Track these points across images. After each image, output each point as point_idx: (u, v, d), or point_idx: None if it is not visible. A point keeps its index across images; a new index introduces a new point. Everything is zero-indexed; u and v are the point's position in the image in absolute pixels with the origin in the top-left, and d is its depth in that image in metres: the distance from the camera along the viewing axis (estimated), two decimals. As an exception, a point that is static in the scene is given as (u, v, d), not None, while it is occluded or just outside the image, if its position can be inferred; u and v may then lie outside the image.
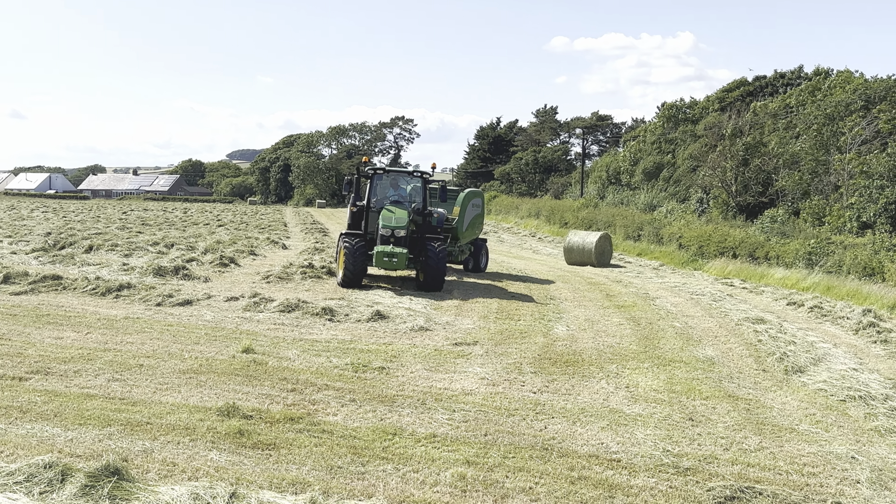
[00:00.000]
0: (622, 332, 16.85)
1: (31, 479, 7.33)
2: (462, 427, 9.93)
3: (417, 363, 13.23)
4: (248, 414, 9.88)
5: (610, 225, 43.82)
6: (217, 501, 7.02)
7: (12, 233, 35.99)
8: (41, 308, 16.67)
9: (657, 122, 63.17)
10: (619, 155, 63.56)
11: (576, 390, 12.03)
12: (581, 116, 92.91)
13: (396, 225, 20.75)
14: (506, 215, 64.88)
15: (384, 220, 20.93)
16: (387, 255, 20.18)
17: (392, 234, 20.72)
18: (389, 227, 20.76)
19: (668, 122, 60.46)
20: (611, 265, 33.57)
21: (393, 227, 20.74)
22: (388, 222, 20.86)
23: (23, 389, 10.57)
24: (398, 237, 20.73)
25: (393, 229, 20.73)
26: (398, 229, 20.71)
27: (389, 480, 8.07)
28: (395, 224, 20.78)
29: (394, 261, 20.18)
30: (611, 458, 9.05)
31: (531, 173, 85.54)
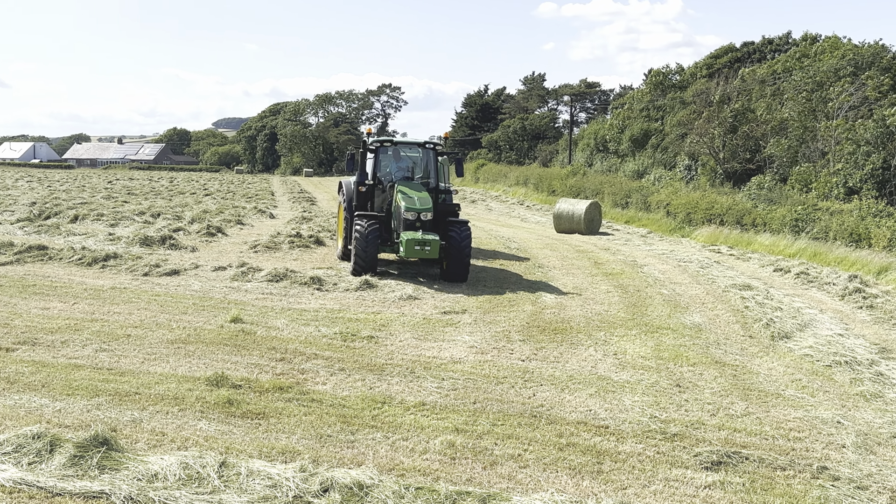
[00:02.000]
0: (610, 300, 16.90)
1: (20, 449, 7.32)
2: (451, 395, 9.96)
3: (406, 332, 13.24)
4: (237, 383, 9.88)
5: (598, 193, 43.80)
6: (207, 470, 7.03)
7: (-3, 203, 35.69)
8: (27, 279, 16.57)
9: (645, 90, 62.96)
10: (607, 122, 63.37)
11: (564, 358, 12.07)
12: (569, 83, 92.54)
13: (422, 207, 17.87)
14: (493, 183, 64.74)
15: (407, 203, 17.97)
16: (419, 242, 17.25)
17: (419, 217, 17.85)
18: (415, 209, 17.84)
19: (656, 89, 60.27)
20: (599, 233, 33.61)
21: (419, 209, 17.85)
22: (412, 204, 17.91)
23: (10, 360, 10.53)
24: (425, 221, 17.88)
25: (419, 212, 17.84)
26: (425, 212, 17.85)
27: (379, 448, 8.10)
28: (421, 206, 17.89)
29: (427, 249, 17.28)
30: (599, 425, 9.11)
31: (519, 141, 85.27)
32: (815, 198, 30.88)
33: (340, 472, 7.08)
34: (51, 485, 6.75)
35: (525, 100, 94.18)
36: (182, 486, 6.80)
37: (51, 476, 6.90)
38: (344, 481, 6.87)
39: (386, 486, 6.87)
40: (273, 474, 7.01)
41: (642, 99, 60.52)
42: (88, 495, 6.64)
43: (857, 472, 8.09)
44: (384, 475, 7.23)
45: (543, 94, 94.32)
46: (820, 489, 7.64)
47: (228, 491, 6.77)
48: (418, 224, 17.83)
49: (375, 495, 6.75)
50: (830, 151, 34.61)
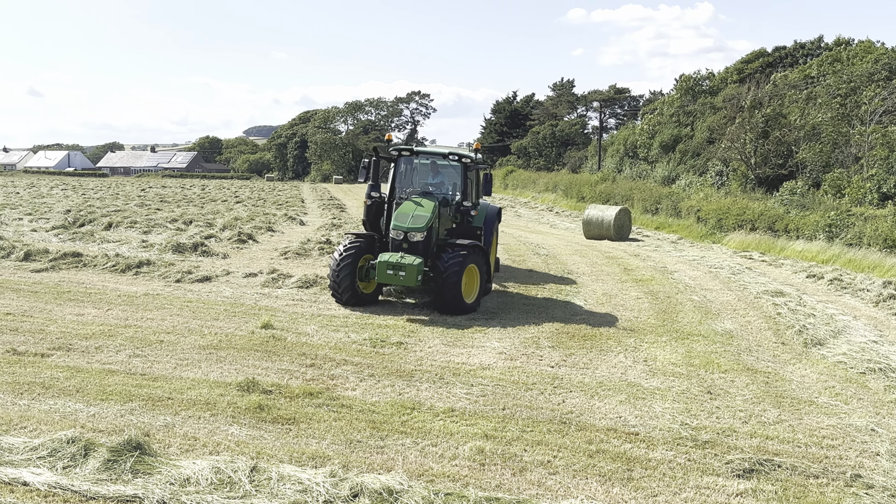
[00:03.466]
0: (640, 306, 16.81)
1: (55, 453, 7.44)
2: (480, 401, 9.96)
3: (435, 338, 13.26)
4: (268, 389, 9.95)
5: (627, 199, 43.59)
6: (238, 475, 7.09)
7: (32, 210, 36.24)
8: (62, 285, 16.81)
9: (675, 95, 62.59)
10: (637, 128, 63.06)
11: (594, 364, 12.03)
12: (598, 89, 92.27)
13: (411, 226, 15.29)
14: (523, 189, 64.67)
15: (397, 219, 15.53)
16: (391, 266, 14.82)
17: (405, 237, 15.36)
18: (402, 228, 15.36)
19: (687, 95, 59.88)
20: (629, 239, 33.45)
21: (406, 228, 15.30)
22: (401, 221, 15.46)
23: (45, 366, 10.69)
24: (413, 242, 15.32)
25: (406, 231, 15.31)
26: (413, 231, 15.27)
27: (408, 454, 8.12)
28: (410, 224, 15.31)
29: (401, 275, 14.77)
30: (629, 432, 9.06)
31: (548, 147, 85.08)
32: (848, 203, 30.50)
33: (370, 477, 7.11)
34: (85, 489, 6.85)
35: (554, 106, 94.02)
36: (214, 491, 6.87)
37: (85, 480, 7.00)
38: (374, 487, 6.90)
39: (415, 492, 6.89)
40: (303, 479, 7.06)
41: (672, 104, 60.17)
42: (122, 499, 6.72)
43: (891, 480, 7.98)
44: (414, 481, 7.26)
45: (573, 100, 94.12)
46: (853, 497, 7.55)
47: (259, 495, 6.83)
48: (405, 245, 15.33)
49: (405, 501, 6.77)
50: (864, 156, 34.19)
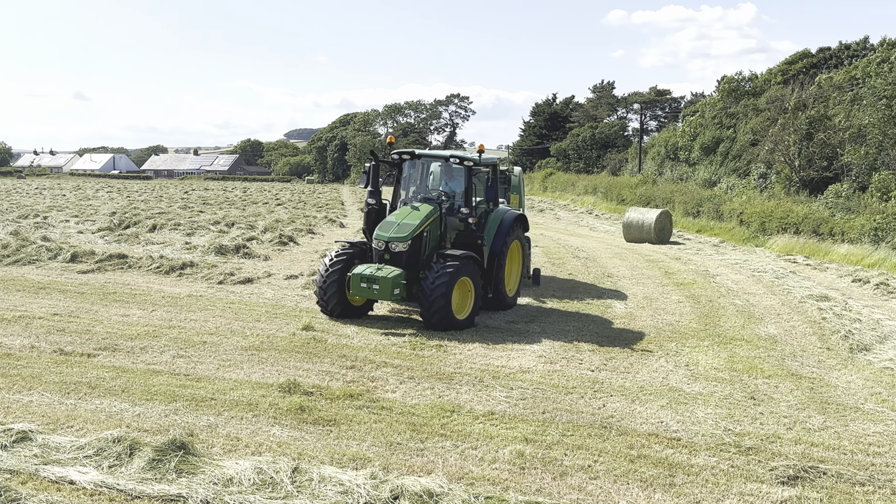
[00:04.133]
0: (681, 310, 16.66)
1: (101, 452, 7.56)
2: (520, 405, 9.94)
3: (474, 341, 13.26)
4: (309, 390, 10.03)
5: (668, 201, 43.22)
6: (280, 476, 7.16)
7: (79, 213, 36.89)
8: (108, 286, 17.09)
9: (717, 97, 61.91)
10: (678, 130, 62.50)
11: (634, 368, 11.95)
12: (639, 91, 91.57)
13: (393, 235, 14.25)
14: (562, 192, 64.42)
15: (381, 227, 14.57)
16: (365, 278, 13.76)
17: (386, 247, 14.30)
18: (383, 237, 14.34)
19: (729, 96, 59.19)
20: (670, 242, 33.17)
21: (388, 237, 14.27)
22: (383, 230, 14.45)
23: (91, 365, 10.88)
24: (395, 252, 14.24)
25: (387, 240, 14.27)
26: (395, 241, 14.21)
27: (448, 457, 8.13)
28: (394, 234, 14.28)
29: (374, 288, 13.68)
30: (671, 437, 8.99)
31: (588, 150, 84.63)
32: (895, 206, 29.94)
33: (410, 479, 7.13)
34: (130, 488, 6.95)
35: (594, 108, 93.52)
36: (256, 491, 6.94)
37: (130, 479, 7.11)
38: (414, 489, 6.91)
39: (455, 495, 6.89)
40: (344, 481, 7.10)
41: (714, 106, 59.52)
42: (166, 499, 6.81)
43: (941, 489, 7.81)
44: (454, 484, 7.26)
45: (613, 102, 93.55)
46: (902, 507, 7.41)
47: (301, 496, 6.88)
48: (386, 256, 14.29)
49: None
50: (912, 158, 33.53)
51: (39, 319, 13.60)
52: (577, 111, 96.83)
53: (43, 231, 27.24)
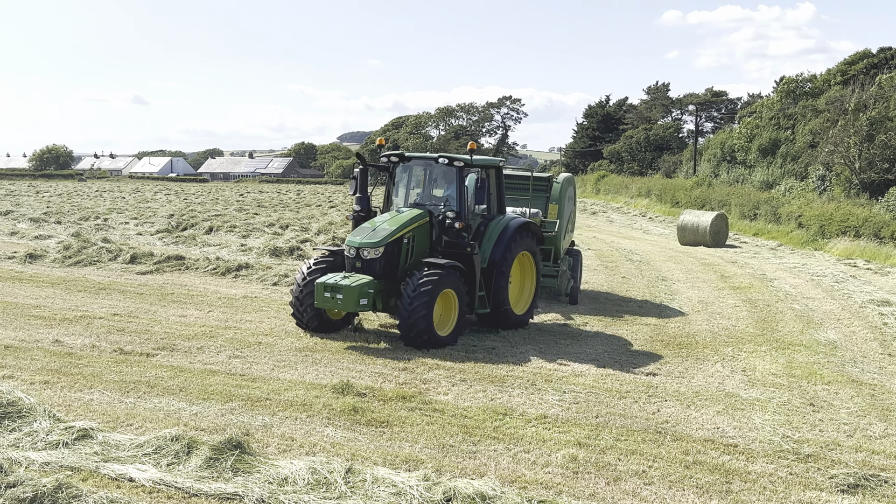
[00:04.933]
0: (738, 314, 16.40)
1: (159, 451, 7.70)
2: (573, 408, 9.88)
3: (527, 344, 13.22)
4: (362, 391, 10.09)
5: (724, 204, 42.60)
6: (334, 476, 7.21)
7: (138, 215, 37.65)
8: (166, 287, 17.41)
9: (775, 98, 60.90)
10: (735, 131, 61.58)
11: (689, 373, 11.80)
12: (694, 92, 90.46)
13: (365, 241, 13.04)
14: (615, 195, 63.91)
15: (353, 233, 13.47)
16: (328, 287, 12.61)
17: (357, 254, 13.14)
18: (353, 243, 13.15)
19: (787, 97, 58.19)
20: (725, 245, 32.68)
21: (358, 243, 13.07)
22: (356, 235, 13.29)
23: (150, 365, 11.09)
24: (367, 260, 13.06)
25: (358, 247, 13.08)
26: (367, 247, 13.00)
27: (501, 460, 8.11)
28: (364, 239, 13.07)
29: (338, 298, 12.51)
30: (727, 443, 8.85)
31: (641, 152, 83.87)
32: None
33: (463, 482, 7.12)
34: (188, 486, 7.06)
35: (648, 110, 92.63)
36: (311, 491, 7.00)
37: (188, 477, 7.22)
38: (466, 492, 6.91)
39: (508, 498, 6.87)
40: (397, 482, 7.12)
41: (772, 107, 58.56)
42: (223, 497, 6.91)
43: None
44: (506, 487, 7.24)
45: (667, 103, 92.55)
46: (969, 518, 7.19)
47: (355, 497, 6.92)
48: (358, 264, 13.13)
49: (498, 507, 6.75)
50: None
51: (100, 319, 13.90)
52: (630, 113, 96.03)
53: (103, 233, 27.85)
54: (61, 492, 6.57)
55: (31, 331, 12.96)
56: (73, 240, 23.78)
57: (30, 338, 12.48)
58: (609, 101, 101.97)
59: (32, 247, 22.87)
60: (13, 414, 8.44)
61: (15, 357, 11.30)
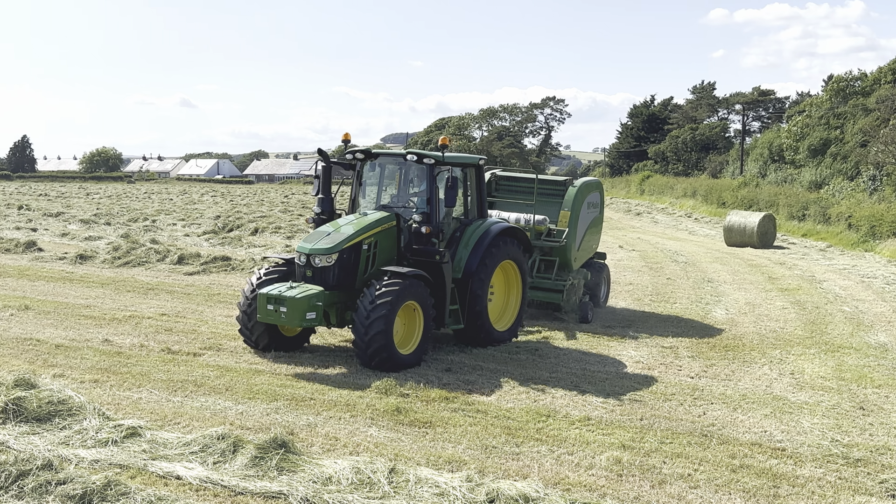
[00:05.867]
0: (786, 317, 16.15)
1: (206, 449, 7.80)
2: (617, 410, 9.81)
3: (570, 345, 13.15)
4: (405, 392, 10.12)
5: (772, 204, 41.97)
6: (377, 476, 7.24)
7: (185, 216, 38.19)
8: (212, 287, 17.64)
9: (824, 96, 59.89)
10: (783, 131, 60.67)
11: (736, 376, 11.65)
12: (741, 92, 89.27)
13: (316, 247, 11.70)
14: (660, 195, 63.32)
15: (306, 238, 12.12)
16: (271, 299, 11.24)
17: (308, 262, 11.80)
18: (304, 249, 11.81)
19: (837, 96, 57.17)
20: (773, 247, 32.20)
21: (309, 249, 11.74)
22: (307, 241, 11.96)
23: (197, 364, 11.24)
24: (318, 268, 11.69)
25: (308, 254, 11.76)
26: (319, 255, 11.64)
27: (544, 462, 8.08)
28: (316, 245, 11.74)
29: (282, 312, 11.14)
30: (775, 447, 8.72)
31: (687, 152, 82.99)
32: None
33: (506, 483, 7.11)
34: (234, 484, 7.15)
35: (693, 109, 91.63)
36: (354, 490, 7.04)
37: (233, 476, 7.31)
38: (509, 493, 6.89)
39: (551, 501, 6.84)
40: (440, 483, 7.13)
41: (821, 106, 57.59)
42: (268, 495, 6.98)
43: None
44: (549, 489, 7.20)
45: (713, 103, 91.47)
46: None
47: (398, 497, 6.94)
48: (308, 273, 11.77)
49: (541, 509, 6.72)
50: None
51: (148, 319, 14.13)
52: (675, 112, 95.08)
53: (151, 234, 28.30)
54: (110, 489, 6.69)
55: (82, 330, 13.22)
56: (122, 241, 24.20)
57: (80, 337, 12.72)
58: (654, 101, 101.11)
59: (83, 248, 23.32)
60: (63, 412, 8.61)
61: (66, 356, 11.53)
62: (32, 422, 8.38)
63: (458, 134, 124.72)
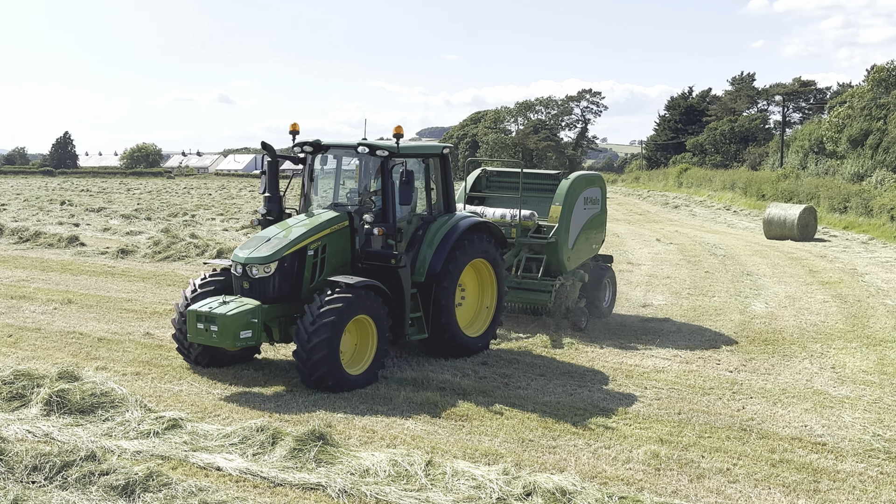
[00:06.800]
0: (827, 310, 15.93)
1: (245, 441, 7.91)
2: (654, 405, 9.76)
3: (607, 339, 13.09)
4: (442, 385, 10.16)
5: (812, 196, 41.37)
6: (414, 468, 7.28)
7: (223, 211, 38.55)
8: (250, 282, 17.76)
9: (866, 87, 58.86)
10: (824, 122, 59.74)
11: (776, 370, 11.52)
12: (781, 82, 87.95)
13: (252, 256, 10.31)
14: (698, 188, 62.68)
15: (243, 245, 10.78)
16: (200, 317, 10.00)
17: (244, 273, 10.34)
18: (239, 259, 10.42)
19: (879, 86, 56.14)
20: (814, 239, 31.75)
21: (244, 259, 10.34)
22: (245, 248, 10.59)
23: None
24: (255, 279, 10.27)
25: (244, 263, 10.33)
26: (255, 264, 10.24)
27: (581, 455, 8.06)
28: (254, 254, 10.34)
29: (213, 331, 9.89)
30: (815, 442, 8.62)
31: (726, 144, 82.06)
32: None
33: (543, 476, 7.11)
34: (273, 475, 7.24)
35: (732, 101, 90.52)
36: (392, 483, 7.09)
37: (273, 467, 7.40)
38: (546, 486, 6.89)
39: (589, 494, 6.83)
40: (477, 475, 7.15)
41: (863, 97, 56.61)
42: (306, 487, 7.05)
43: None
44: (587, 482, 7.20)
45: (753, 94, 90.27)
46: None
47: (435, 489, 6.98)
48: (245, 284, 10.35)
49: (578, 502, 6.72)
50: None
51: (188, 313, 14.27)
52: (714, 104, 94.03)
53: (191, 229, 28.61)
54: (152, 480, 6.81)
55: (124, 324, 13.43)
56: (162, 236, 24.50)
57: (122, 330, 12.93)
58: (692, 93, 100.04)
59: (124, 242, 23.66)
60: (106, 404, 8.77)
61: (108, 349, 11.73)
62: (76, 413, 8.55)
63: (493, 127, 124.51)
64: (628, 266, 21.31)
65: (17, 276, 18.05)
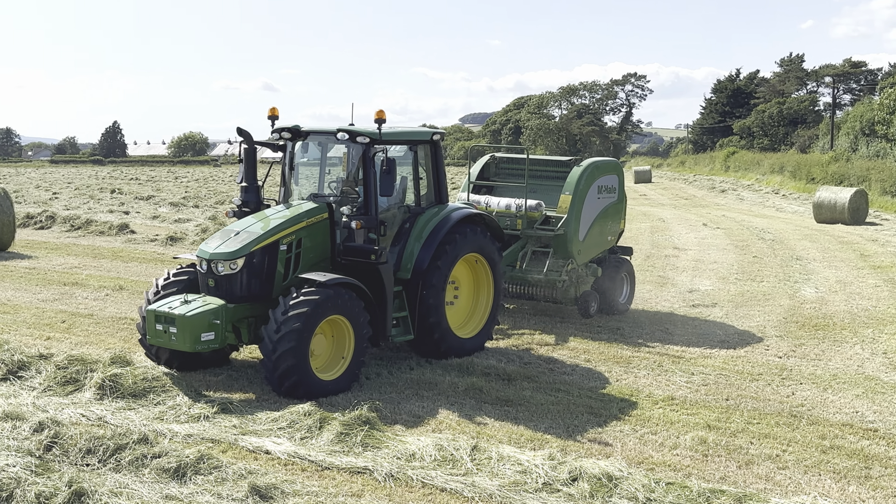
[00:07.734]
0: (879, 295, 15.63)
1: (293, 425, 8.01)
2: (701, 390, 9.68)
3: (653, 325, 13.00)
4: (486, 371, 10.17)
5: (864, 180, 40.56)
6: (460, 453, 7.31)
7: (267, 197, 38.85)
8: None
9: (920, 66, 57.48)
10: (875, 103, 58.45)
11: (826, 355, 11.35)
12: (831, 63, 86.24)
13: (218, 251, 9.50)
14: (745, 172, 61.79)
15: (209, 240, 10.00)
16: (159, 317, 9.20)
17: (210, 270, 9.54)
18: (204, 254, 9.61)
19: (933, 65, 54.80)
20: (865, 223, 31.14)
21: (210, 254, 9.54)
22: (211, 243, 9.78)
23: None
24: (221, 277, 9.47)
25: (209, 260, 9.54)
26: (221, 260, 9.44)
27: (627, 441, 8.04)
28: (220, 249, 9.54)
29: (171, 333, 9.08)
30: (866, 428, 8.49)
31: (774, 126, 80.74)
32: None
33: (589, 462, 7.10)
34: (320, 459, 7.33)
35: (781, 83, 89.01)
36: (437, 467, 7.13)
37: (320, 451, 7.49)
38: (592, 472, 6.88)
39: (635, 479, 6.80)
40: (522, 460, 7.16)
41: (916, 76, 55.24)
42: (353, 470, 7.13)
43: None
44: (633, 468, 7.17)
45: (802, 75, 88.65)
46: None
47: (480, 474, 7.01)
48: (211, 282, 9.55)
49: (624, 488, 6.70)
50: None
51: (235, 299, 14.45)
52: (762, 86, 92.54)
53: (237, 216, 28.88)
54: (203, 462, 6.93)
55: (173, 310, 13.62)
56: (209, 223, 24.82)
57: (171, 316, 13.11)
58: (739, 75, 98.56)
59: (173, 230, 24.00)
60: (157, 388, 8.95)
61: (158, 334, 11.89)
62: (128, 398, 8.73)
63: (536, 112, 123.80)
64: (674, 251, 21.11)
65: (69, 263, 18.43)
